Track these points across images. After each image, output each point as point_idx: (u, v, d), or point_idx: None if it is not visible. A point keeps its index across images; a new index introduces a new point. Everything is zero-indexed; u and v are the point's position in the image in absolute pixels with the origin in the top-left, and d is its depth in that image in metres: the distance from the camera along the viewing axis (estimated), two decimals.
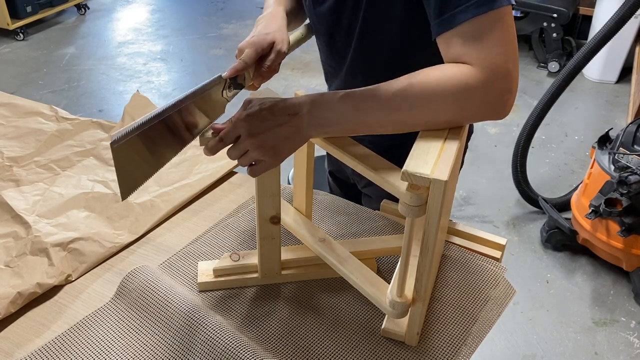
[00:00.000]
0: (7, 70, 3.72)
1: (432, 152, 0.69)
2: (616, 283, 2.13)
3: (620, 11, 2.09)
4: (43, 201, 1.11)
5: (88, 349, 0.82)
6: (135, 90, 1.42)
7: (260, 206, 0.86)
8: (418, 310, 0.79)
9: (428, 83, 0.72)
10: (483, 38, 0.70)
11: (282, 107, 0.74)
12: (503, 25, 0.71)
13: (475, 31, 0.71)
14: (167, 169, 1.19)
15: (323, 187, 1.18)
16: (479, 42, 0.70)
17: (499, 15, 0.70)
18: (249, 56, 0.85)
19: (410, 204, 0.68)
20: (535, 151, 2.86)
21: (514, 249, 2.30)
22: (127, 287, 0.90)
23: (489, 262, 0.98)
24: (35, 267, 0.95)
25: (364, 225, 1.07)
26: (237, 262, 0.93)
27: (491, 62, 0.70)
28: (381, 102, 0.73)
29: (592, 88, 3.55)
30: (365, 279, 0.85)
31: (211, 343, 0.79)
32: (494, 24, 0.70)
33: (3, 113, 1.39)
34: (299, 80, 3.59)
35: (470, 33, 0.71)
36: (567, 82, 2.24)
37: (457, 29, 0.72)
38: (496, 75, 0.70)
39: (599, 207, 1.95)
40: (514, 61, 0.71)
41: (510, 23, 0.72)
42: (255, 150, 0.73)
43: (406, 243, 0.74)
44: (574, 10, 3.64)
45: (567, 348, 1.89)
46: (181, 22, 4.61)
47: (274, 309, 0.89)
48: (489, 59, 0.70)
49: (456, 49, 0.72)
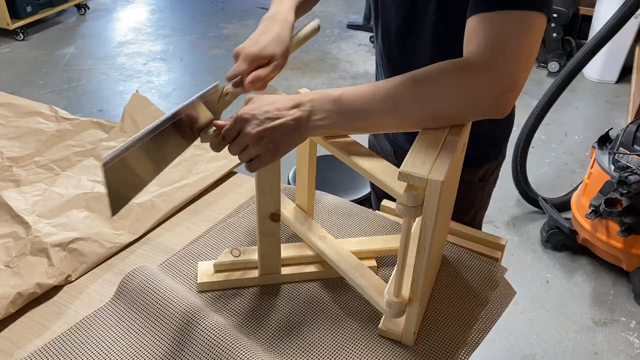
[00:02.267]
0: (7, 70, 3.72)
1: (430, 153, 0.69)
2: (616, 283, 2.13)
3: (620, 11, 2.09)
4: (43, 201, 1.11)
5: (88, 349, 0.82)
6: (135, 90, 1.42)
7: (260, 203, 0.87)
8: (415, 310, 0.79)
9: (430, 76, 0.72)
10: (509, 32, 0.70)
11: (282, 103, 0.75)
12: (532, 28, 0.71)
13: (504, 24, 0.71)
14: (167, 169, 1.19)
15: (324, 188, 1.18)
16: (502, 35, 0.70)
17: (531, 18, 0.70)
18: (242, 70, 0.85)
19: (407, 205, 0.68)
20: (535, 151, 2.86)
21: (514, 249, 2.30)
22: (126, 287, 0.90)
23: (489, 262, 0.98)
24: (35, 267, 0.95)
25: (365, 225, 1.07)
26: (238, 258, 0.94)
27: (503, 59, 0.70)
28: (382, 97, 0.73)
29: (592, 88, 3.55)
30: (363, 278, 0.85)
31: (211, 343, 0.79)
32: (524, 24, 0.70)
33: (3, 113, 1.39)
34: (299, 80, 3.59)
35: (498, 24, 0.71)
36: (567, 82, 2.24)
37: (489, 15, 0.71)
38: (503, 72, 0.70)
39: (599, 207, 1.95)
40: (526, 65, 0.71)
41: (538, 30, 0.72)
42: (254, 145, 0.74)
43: (403, 243, 0.74)
44: (574, 10, 3.64)
45: (567, 348, 1.89)
46: (181, 22, 4.61)
47: (273, 309, 0.89)
48: (502, 54, 0.70)
49: (478, 35, 0.72)
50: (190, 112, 0.77)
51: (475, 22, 0.73)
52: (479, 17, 0.72)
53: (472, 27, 0.74)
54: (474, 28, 0.73)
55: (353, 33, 4.39)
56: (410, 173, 0.66)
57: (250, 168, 0.77)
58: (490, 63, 0.70)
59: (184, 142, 0.79)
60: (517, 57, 0.70)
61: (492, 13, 0.71)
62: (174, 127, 0.76)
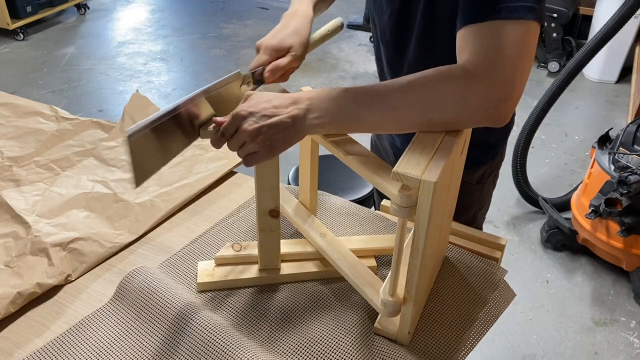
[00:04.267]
0: (7, 70, 3.72)
1: (425, 154, 0.69)
2: (616, 283, 2.13)
3: (620, 11, 2.09)
4: (43, 201, 1.11)
5: (88, 349, 0.82)
6: (135, 90, 1.42)
7: (259, 200, 0.87)
8: (409, 310, 0.79)
9: (427, 82, 0.72)
10: (502, 42, 0.70)
11: (279, 101, 0.75)
12: (526, 36, 0.70)
13: (498, 33, 0.70)
14: (167, 169, 1.19)
15: (324, 188, 1.18)
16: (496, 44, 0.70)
17: (525, 27, 0.70)
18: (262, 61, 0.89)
19: (401, 205, 0.68)
20: (535, 151, 2.87)
21: (514, 249, 2.30)
22: (126, 287, 0.90)
23: (489, 264, 0.98)
24: (35, 267, 0.95)
25: (365, 225, 1.07)
26: (239, 252, 0.94)
27: (498, 67, 0.70)
28: (380, 99, 0.73)
29: (592, 88, 3.55)
30: (361, 277, 0.86)
31: (210, 343, 0.79)
32: (518, 32, 0.70)
33: (3, 113, 1.39)
34: (299, 80, 3.59)
35: (492, 33, 0.70)
36: (567, 82, 2.24)
37: (482, 25, 0.71)
38: (499, 81, 0.70)
39: (599, 207, 1.95)
40: (522, 74, 0.71)
41: (532, 38, 0.71)
42: (251, 142, 0.75)
43: (398, 243, 0.74)
44: (574, 10, 3.64)
45: (567, 348, 1.89)
46: (181, 22, 4.61)
47: (273, 309, 0.89)
48: (498, 63, 0.70)
49: (473, 44, 0.72)
50: (192, 108, 0.79)
51: (467, 33, 0.73)
52: (471, 27, 0.72)
53: (464, 38, 0.73)
54: (467, 39, 0.73)
55: (353, 33, 4.39)
56: (404, 173, 0.66)
57: (246, 163, 0.78)
58: (485, 72, 0.70)
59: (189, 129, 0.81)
60: (511, 66, 0.70)
61: (483, 24, 0.71)
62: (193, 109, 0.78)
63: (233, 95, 0.86)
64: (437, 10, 0.90)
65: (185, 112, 0.77)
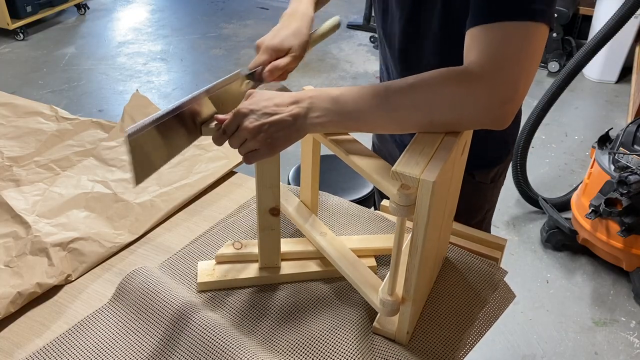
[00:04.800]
0: (7, 70, 3.72)
1: (425, 153, 0.69)
2: (616, 283, 2.13)
3: (620, 11, 2.09)
4: (43, 201, 1.11)
5: (88, 349, 0.82)
6: (135, 90, 1.42)
7: (260, 197, 0.87)
8: (408, 309, 0.79)
9: (430, 84, 0.72)
10: (509, 43, 0.70)
11: (280, 99, 0.76)
12: (535, 39, 0.70)
13: (507, 34, 0.70)
14: (167, 169, 1.19)
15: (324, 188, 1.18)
16: (504, 45, 0.70)
17: (534, 29, 0.70)
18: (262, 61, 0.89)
19: (400, 204, 0.69)
20: (535, 151, 2.87)
21: (514, 249, 2.30)
22: (126, 288, 0.90)
23: (489, 264, 0.98)
24: (35, 267, 0.95)
25: (365, 225, 1.07)
26: (240, 250, 0.94)
27: (504, 68, 0.69)
28: (381, 100, 0.73)
29: (592, 88, 3.55)
30: (360, 276, 0.86)
31: (210, 343, 0.79)
32: (527, 34, 0.70)
33: (3, 113, 1.39)
34: (299, 80, 3.59)
35: (501, 34, 0.70)
36: (567, 82, 2.24)
37: (493, 25, 0.71)
38: (503, 82, 0.70)
39: (599, 207, 1.95)
40: (527, 76, 0.70)
41: (540, 41, 0.71)
42: (251, 139, 0.75)
43: (396, 242, 0.74)
44: (574, 10, 3.64)
45: (567, 348, 1.89)
46: (181, 22, 4.61)
47: (272, 308, 0.89)
48: (503, 64, 0.69)
49: (481, 44, 0.71)
50: (195, 106, 0.79)
51: (475, 34, 0.72)
52: (479, 28, 0.72)
53: (471, 38, 0.73)
54: (474, 39, 0.72)
55: (353, 33, 4.39)
56: (402, 172, 0.66)
57: (246, 160, 0.78)
58: (490, 73, 0.70)
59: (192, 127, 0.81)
60: (517, 68, 0.70)
61: (492, 24, 0.70)
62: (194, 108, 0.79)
63: (234, 93, 0.86)
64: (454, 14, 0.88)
65: (188, 110, 0.78)
